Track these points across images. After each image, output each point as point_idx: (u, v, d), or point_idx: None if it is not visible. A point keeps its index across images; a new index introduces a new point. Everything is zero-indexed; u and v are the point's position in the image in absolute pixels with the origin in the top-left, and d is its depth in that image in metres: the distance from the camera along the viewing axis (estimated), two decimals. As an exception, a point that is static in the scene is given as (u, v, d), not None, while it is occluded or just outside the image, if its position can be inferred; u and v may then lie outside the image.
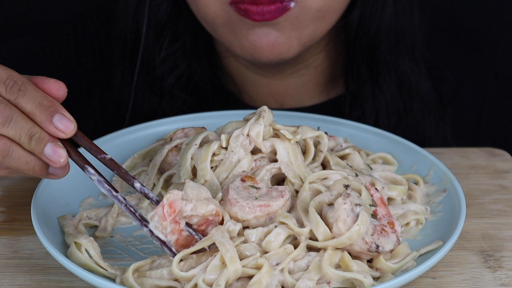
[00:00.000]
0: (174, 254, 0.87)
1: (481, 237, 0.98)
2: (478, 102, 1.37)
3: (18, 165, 0.87)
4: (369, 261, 0.90)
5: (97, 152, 0.91)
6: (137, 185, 0.91)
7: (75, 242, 0.91)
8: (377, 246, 0.88)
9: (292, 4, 1.14)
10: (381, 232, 0.89)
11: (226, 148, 0.98)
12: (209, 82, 1.31)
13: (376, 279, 0.88)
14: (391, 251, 0.90)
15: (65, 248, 0.91)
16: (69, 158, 0.89)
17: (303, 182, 0.96)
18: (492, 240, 0.98)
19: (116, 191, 0.89)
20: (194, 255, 0.88)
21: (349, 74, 1.30)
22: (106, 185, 0.90)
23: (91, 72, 1.35)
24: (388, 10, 1.25)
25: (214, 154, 0.97)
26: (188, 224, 0.88)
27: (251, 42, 1.17)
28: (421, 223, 0.97)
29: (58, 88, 0.88)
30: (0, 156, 0.86)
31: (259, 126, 0.97)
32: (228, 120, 1.04)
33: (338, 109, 1.29)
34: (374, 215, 0.91)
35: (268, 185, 0.97)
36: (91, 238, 0.91)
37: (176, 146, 1.03)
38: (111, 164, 0.91)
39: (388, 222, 0.91)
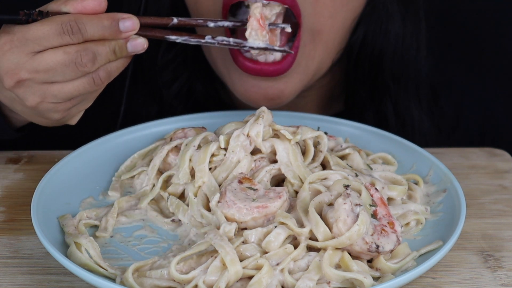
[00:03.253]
0: (280, 50, 1.04)
1: (481, 237, 0.98)
2: (481, 105, 1.37)
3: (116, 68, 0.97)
4: (369, 261, 0.90)
5: (164, 23, 1.00)
6: (211, 24, 1.02)
7: (75, 242, 0.91)
8: (377, 246, 0.88)
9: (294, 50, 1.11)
10: (381, 232, 0.89)
11: (225, 149, 0.98)
12: (209, 95, 1.31)
13: (376, 279, 0.88)
14: (391, 251, 0.90)
15: (65, 248, 0.92)
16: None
17: (302, 183, 0.96)
18: (492, 240, 0.98)
19: (203, 38, 1.01)
20: (194, 256, 0.88)
21: (349, 97, 1.29)
22: (192, 39, 1.01)
23: None
24: (392, 36, 1.24)
25: (213, 155, 0.97)
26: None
27: (256, 90, 1.14)
28: (421, 223, 0.97)
29: (98, 5, 0.94)
30: (106, 75, 0.96)
31: (258, 126, 0.97)
32: (228, 120, 1.04)
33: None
34: (374, 215, 0.91)
35: (267, 186, 0.97)
36: (91, 238, 0.91)
37: (176, 146, 1.03)
38: (182, 23, 1.01)
39: (388, 222, 0.91)
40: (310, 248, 0.90)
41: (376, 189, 0.95)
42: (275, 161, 0.99)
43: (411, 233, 0.96)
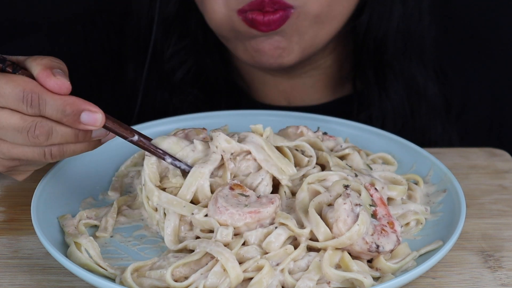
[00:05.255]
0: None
1: (481, 237, 0.98)
2: (489, 106, 1.37)
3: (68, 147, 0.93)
4: (369, 261, 0.90)
5: (124, 135, 0.95)
6: (168, 160, 0.95)
7: (75, 242, 0.91)
8: (377, 246, 0.88)
9: (292, 10, 1.15)
10: (381, 232, 0.90)
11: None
12: (221, 77, 1.32)
13: (376, 279, 0.88)
14: (391, 251, 0.90)
15: (65, 248, 0.92)
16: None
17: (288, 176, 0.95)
18: (492, 240, 0.98)
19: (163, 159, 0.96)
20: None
21: (356, 78, 1.31)
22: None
23: (101, 69, 1.36)
24: (395, 16, 1.25)
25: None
26: None
27: (254, 46, 1.18)
28: (421, 223, 0.97)
29: (59, 89, 0.90)
30: (59, 154, 0.92)
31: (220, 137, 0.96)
32: (229, 121, 1.04)
33: (345, 109, 1.29)
34: (374, 215, 0.91)
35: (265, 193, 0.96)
36: (91, 238, 0.92)
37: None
38: (140, 144, 0.95)
39: (388, 222, 0.91)
40: (310, 248, 0.90)
41: (375, 189, 0.95)
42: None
43: (411, 233, 0.96)
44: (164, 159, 0.95)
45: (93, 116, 0.90)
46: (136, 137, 0.95)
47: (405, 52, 1.28)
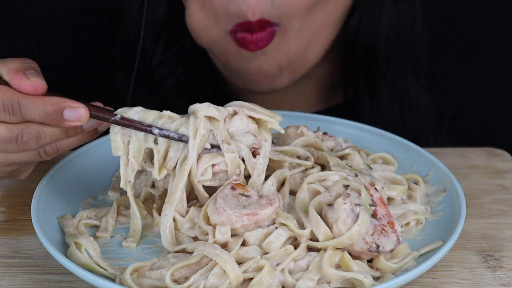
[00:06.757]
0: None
1: (481, 237, 0.98)
2: (481, 106, 1.37)
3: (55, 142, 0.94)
4: (369, 261, 0.90)
5: (108, 117, 0.93)
6: (156, 131, 0.92)
7: (75, 242, 0.91)
8: (378, 246, 0.88)
9: (277, 28, 1.13)
10: (381, 232, 0.90)
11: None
12: (209, 86, 1.31)
13: (376, 279, 0.88)
14: (391, 251, 0.90)
15: (65, 248, 0.92)
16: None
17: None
18: (492, 240, 0.98)
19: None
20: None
21: (347, 85, 1.30)
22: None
23: (91, 72, 1.35)
24: (385, 20, 1.24)
25: None
26: None
27: (247, 76, 1.17)
28: (421, 223, 0.97)
29: (35, 90, 0.90)
30: (54, 151, 0.94)
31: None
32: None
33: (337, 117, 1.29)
34: (374, 215, 0.91)
35: (270, 191, 0.96)
36: (91, 238, 0.92)
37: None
38: (124, 122, 0.93)
39: (388, 222, 0.91)
40: (310, 248, 0.90)
41: (375, 189, 0.95)
42: None
43: (411, 233, 0.96)
44: (151, 131, 0.93)
45: (76, 112, 0.89)
46: (118, 116, 0.93)
47: (397, 60, 1.27)
